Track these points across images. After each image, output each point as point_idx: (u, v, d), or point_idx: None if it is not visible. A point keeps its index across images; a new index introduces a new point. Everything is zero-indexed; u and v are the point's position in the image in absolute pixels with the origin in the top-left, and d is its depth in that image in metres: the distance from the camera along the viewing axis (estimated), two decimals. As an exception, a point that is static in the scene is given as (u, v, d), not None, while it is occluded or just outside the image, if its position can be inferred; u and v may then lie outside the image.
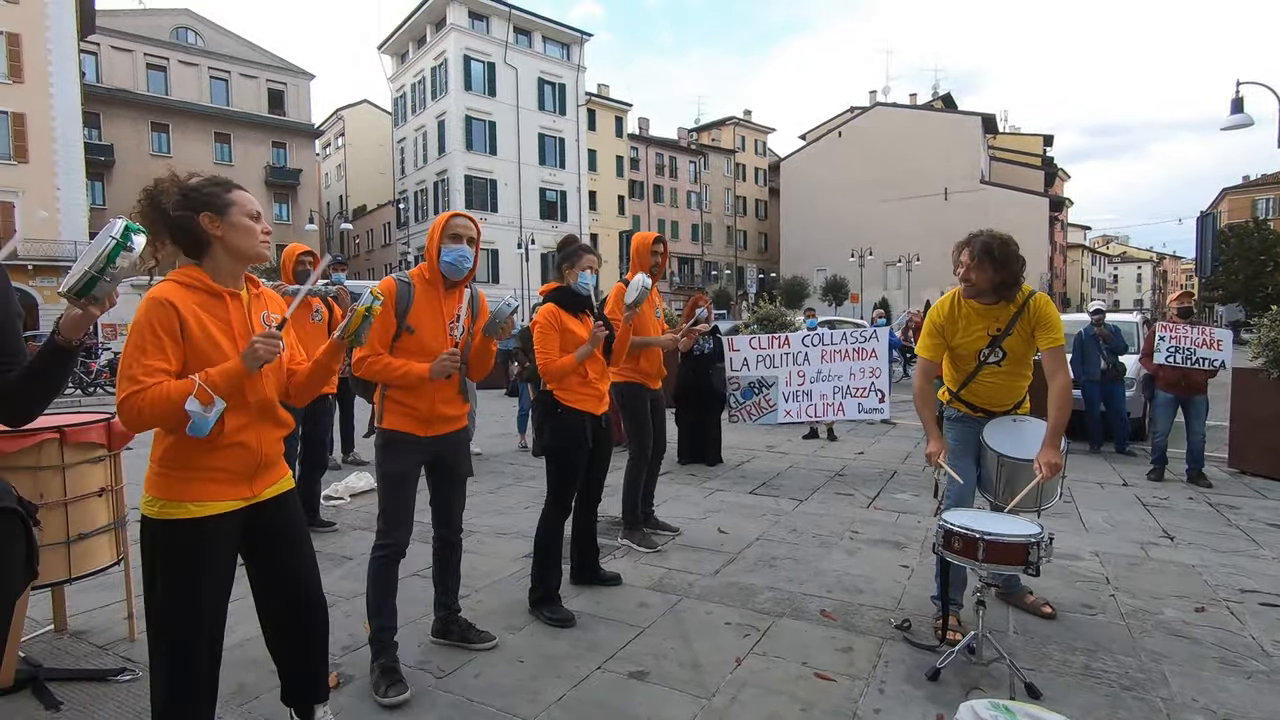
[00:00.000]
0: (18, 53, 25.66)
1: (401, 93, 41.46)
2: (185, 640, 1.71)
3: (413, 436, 2.55)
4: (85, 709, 2.39)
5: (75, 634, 2.98)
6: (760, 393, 6.32)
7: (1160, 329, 6.13)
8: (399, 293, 2.51)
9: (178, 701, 1.72)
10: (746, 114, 60.44)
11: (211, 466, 1.73)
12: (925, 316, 3.28)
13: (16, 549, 1.46)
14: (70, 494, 2.64)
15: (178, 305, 1.66)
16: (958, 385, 3.04)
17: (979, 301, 2.90)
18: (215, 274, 1.81)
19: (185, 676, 1.73)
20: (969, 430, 3.03)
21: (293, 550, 1.95)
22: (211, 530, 1.73)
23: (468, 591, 3.40)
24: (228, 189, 1.83)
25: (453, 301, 2.62)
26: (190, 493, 1.71)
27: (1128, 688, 2.48)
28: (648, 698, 2.43)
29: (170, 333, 1.64)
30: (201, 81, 36.81)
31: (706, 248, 55.46)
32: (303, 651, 2.02)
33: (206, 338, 1.69)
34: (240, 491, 1.79)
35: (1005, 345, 2.90)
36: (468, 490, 2.89)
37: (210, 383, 1.61)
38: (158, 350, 1.62)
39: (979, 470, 3.05)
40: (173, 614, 1.72)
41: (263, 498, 1.85)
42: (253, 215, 1.84)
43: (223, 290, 1.79)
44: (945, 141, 45.58)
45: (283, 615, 1.97)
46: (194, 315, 1.69)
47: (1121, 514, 4.85)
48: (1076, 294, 67.21)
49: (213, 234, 1.78)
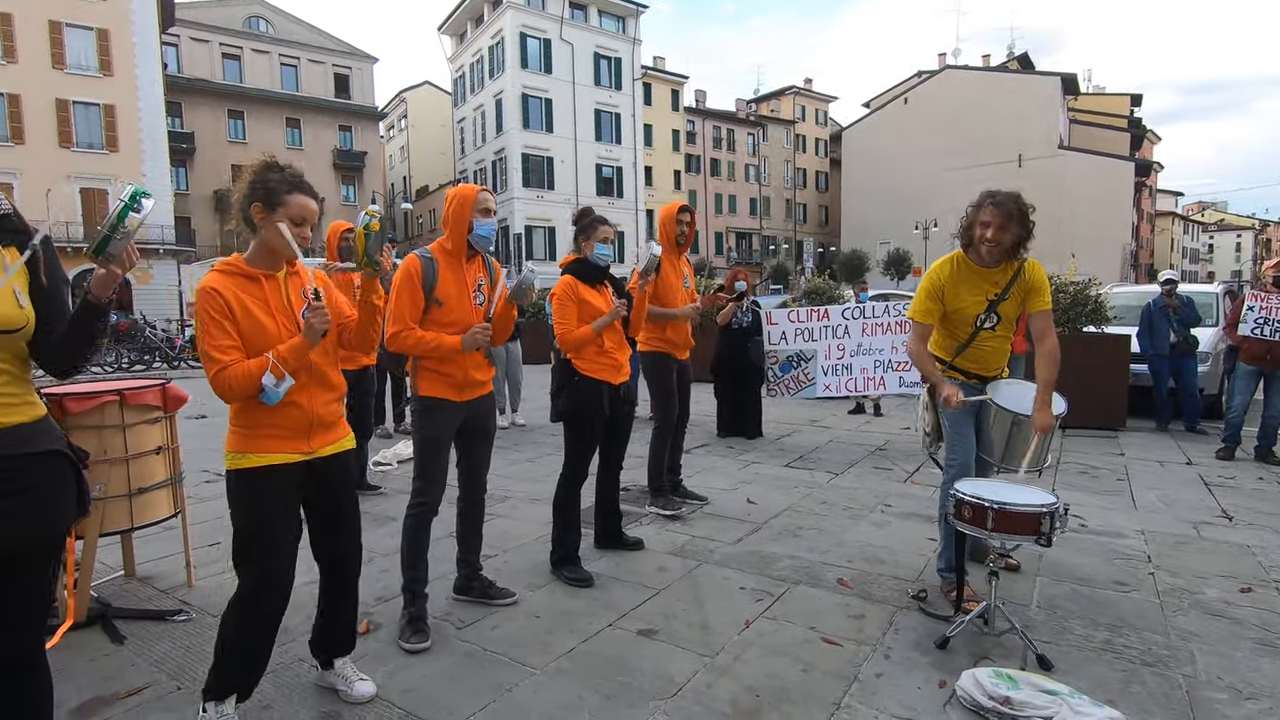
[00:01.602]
0: (107, 47, 27.28)
1: (461, 73, 42.06)
2: (264, 571, 1.98)
3: (449, 402, 2.68)
4: (145, 644, 2.64)
5: (142, 579, 3.29)
6: (799, 366, 6.25)
7: (1250, 298, 5.68)
8: (424, 269, 2.62)
9: (243, 625, 1.99)
10: (807, 83, 58.65)
11: (271, 424, 1.97)
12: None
13: (67, 488, 1.63)
14: (131, 451, 2.90)
15: (221, 291, 1.90)
16: (953, 353, 2.95)
17: (982, 265, 2.82)
18: (254, 258, 2.00)
19: (264, 607, 2.01)
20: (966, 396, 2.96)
21: (340, 509, 2.16)
22: (273, 478, 1.98)
23: (496, 552, 3.56)
24: (290, 191, 1.97)
25: (474, 270, 2.73)
26: (255, 446, 1.96)
27: (1148, 664, 2.40)
28: (653, 654, 2.51)
29: (224, 314, 1.89)
30: (273, 68, 38.29)
31: (765, 222, 54.49)
32: (338, 604, 2.24)
33: (248, 316, 1.93)
34: (298, 446, 2.02)
35: (1000, 310, 2.85)
36: (511, 459, 3.01)
37: (281, 358, 1.89)
38: (221, 331, 1.88)
39: (980, 435, 2.98)
40: (251, 559, 1.97)
41: (320, 454, 2.07)
42: (296, 220, 1.98)
43: (257, 273, 1.98)
44: (1020, 105, 43.06)
45: (333, 565, 2.20)
46: (236, 298, 1.92)
47: (1178, 493, 4.62)
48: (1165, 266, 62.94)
49: (257, 222, 1.97)
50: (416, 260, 2.63)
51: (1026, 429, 2.85)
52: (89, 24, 26.94)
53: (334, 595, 2.24)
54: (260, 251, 2.00)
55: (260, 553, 1.98)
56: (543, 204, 37.54)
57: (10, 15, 25.50)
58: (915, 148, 46.44)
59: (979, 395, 2.95)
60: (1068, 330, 7.08)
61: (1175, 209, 73.05)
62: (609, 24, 40.50)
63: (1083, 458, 5.69)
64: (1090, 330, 7.13)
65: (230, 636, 1.99)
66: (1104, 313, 7.00)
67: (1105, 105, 53.08)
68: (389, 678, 2.35)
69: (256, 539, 1.98)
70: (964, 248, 2.89)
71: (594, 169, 39.85)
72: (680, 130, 47.85)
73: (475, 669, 2.42)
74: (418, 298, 2.59)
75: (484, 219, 2.68)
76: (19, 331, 1.49)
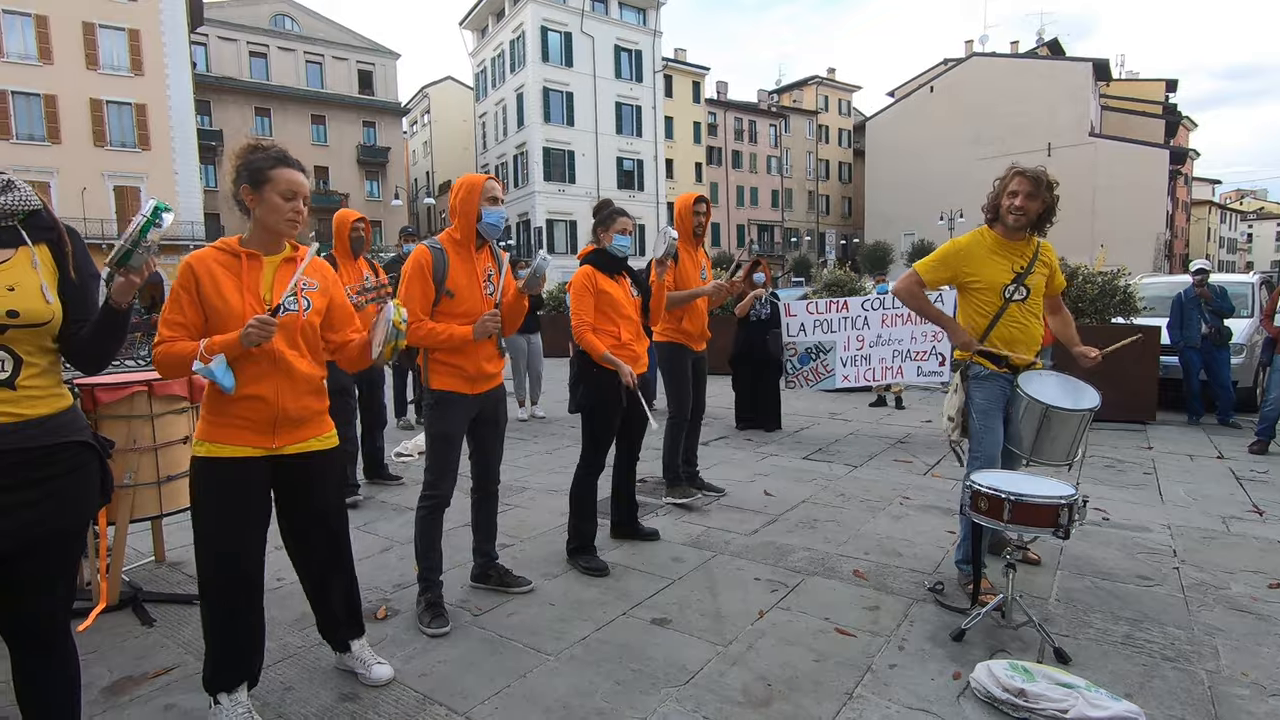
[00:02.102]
0: (138, 47, 27.85)
1: (482, 68, 42.21)
2: (219, 561, 1.98)
3: (462, 395, 2.70)
4: (173, 627, 2.73)
5: (171, 564, 3.39)
6: (817, 358, 6.21)
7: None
8: (435, 260, 2.62)
9: (214, 616, 2.00)
10: (830, 72, 57.89)
11: (233, 414, 1.95)
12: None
13: (92, 476, 1.69)
14: (159, 440, 2.98)
15: (194, 266, 1.94)
16: (983, 331, 2.91)
17: (1007, 237, 2.89)
18: (250, 239, 2.03)
19: (221, 598, 2.00)
20: (996, 388, 2.91)
21: (315, 508, 2.13)
22: (231, 470, 1.95)
23: (513, 541, 3.60)
24: (273, 166, 1.99)
25: (483, 260, 2.74)
26: (216, 435, 1.96)
27: (1170, 658, 2.36)
28: (666, 642, 2.53)
29: (187, 290, 1.93)
30: (298, 66, 38.78)
31: (787, 214, 54.00)
32: (321, 597, 2.24)
33: (216, 293, 1.93)
34: (260, 441, 1.99)
35: (1029, 283, 2.87)
36: (529, 450, 3.04)
37: (209, 347, 1.86)
38: (176, 307, 1.92)
39: (1007, 427, 2.95)
40: (205, 541, 1.99)
41: (285, 452, 2.03)
42: (285, 195, 1.99)
43: (241, 251, 2.00)
44: (1049, 92, 42.08)
45: (302, 563, 2.20)
46: (209, 274, 1.94)
47: (1207, 487, 4.52)
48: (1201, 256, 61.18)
49: (247, 203, 2.01)
50: (427, 251, 2.62)
51: (1058, 421, 2.81)
52: (120, 24, 27.51)
53: (315, 592, 2.22)
54: (257, 233, 2.03)
55: (216, 543, 1.97)
56: (564, 198, 37.60)
57: (46, 18, 26.15)
58: (941, 137, 45.65)
59: (1010, 388, 2.92)
60: (1095, 321, 6.95)
61: (1212, 197, 70.87)
62: (629, 16, 40.34)
63: (1109, 451, 5.58)
64: (1119, 321, 6.98)
65: (205, 627, 2.01)
66: (1133, 303, 6.85)
67: (1139, 91, 51.66)
68: (406, 662, 2.40)
69: (211, 529, 1.97)
70: (989, 223, 2.95)
71: (615, 162, 39.79)
72: (701, 122, 47.57)
73: (491, 654, 2.46)
74: (429, 289, 2.59)
75: (492, 207, 2.67)
76: (46, 325, 1.54)
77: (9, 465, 1.49)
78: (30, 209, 1.59)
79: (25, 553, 1.54)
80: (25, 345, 1.52)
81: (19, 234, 1.58)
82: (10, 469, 1.50)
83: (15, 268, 1.53)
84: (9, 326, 1.48)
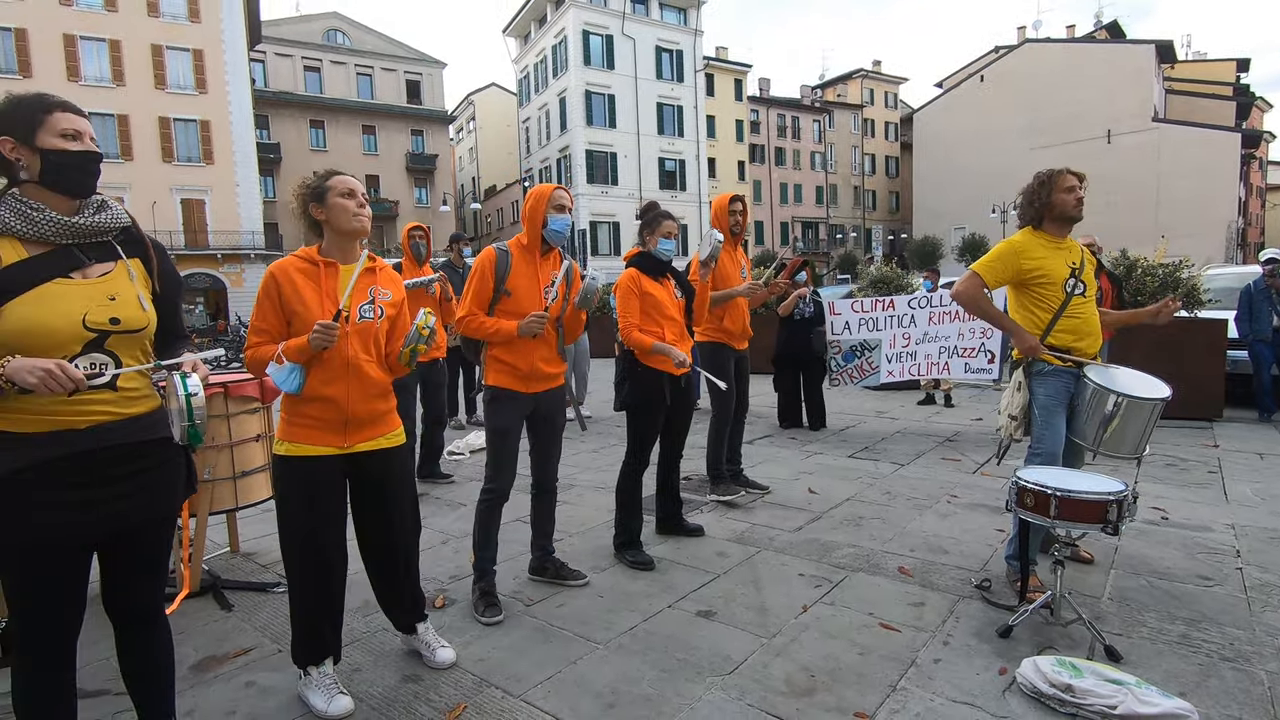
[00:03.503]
0: (202, 66, 29.26)
1: (525, 73, 42.87)
2: (302, 549, 2.15)
3: (515, 393, 2.83)
4: (249, 611, 2.93)
5: (245, 554, 3.61)
6: (862, 355, 6.17)
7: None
8: (498, 260, 2.79)
9: (298, 600, 2.18)
10: (876, 65, 56.81)
11: (307, 415, 2.13)
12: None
13: (179, 469, 1.85)
14: (235, 438, 3.19)
15: (277, 275, 2.12)
16: (1046, 325, 2.89)
17: (1057, 234, 2.92)
18: (327, 249, 2.20)
19: (304, 582, 2.16)
20: (1061, 384, 2.87)
21: (385, 501, 2.29)
22: (308, 468, 2.13)
23: (562, 536, 3.71)
24: (327, 178, 2.20)
25: (548, 267, 2.87)
26: (294, 435, 2.14)
27: (1228, 659, 2.32)
28: (710, 633, 2.60)
29: (270, 297, 2.11)
30: (349, 78, 40.09)
31: (832, 210, 53.23)
32: (388, 586, 2.40)
33: (297, 298, 2.11)
34: (333, 440, 2.15)
35: (1084, 277, 2.89)
36: (576, 449, 3.15)
37: (285, 350, 2.04)
38: (260, 314, 2.12)
39: (1072, 420, 2.92)
40: (290, 538, 2.16)
41: (356, 450, 2.19)
42: (344, 194, 2.17)
43: (320, 260, 2.17)
44: (1109, 77, 40.37)
45: (372, 551, 2.35)
46: (290, 281, 2.12)
47: (1276, 486, 4.33)
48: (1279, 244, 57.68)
49: (319, 218, 2.19)
50: (492, 252, 2.82)
51: (1130, 411, 2.77)
52: (186, 45, 28.95)
53: (382, 579, 2.38)
54: (332, 241, 2.20)
55: (298, 534, 2.14)
56: (607, 199, 37.89)
57: (119, 42, 27.71)
58: (992, 128, 44.31)
59: (1075, 384, 2.90)
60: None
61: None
62: (670, 16, 40.39)
63: (1171, 449, 5.40)
64: (1182, 315, 6.72)
65: (292, 608, 2.20)
66: (1197, 296, 6.58)
67: (1207, 73, 49.15)
68: (463, 648, 2.53)
69: (293, 522, 2.14)
70: (1033, 226, 2.95)
71: (657, 163, 39.89)
72: (744, 120, 47.28)
73: (543, 642, 2.57)
74: (487, 286, 2.77)
75: (558, 215, 2.82)
76: (143, 331, 1.70)
77: (112, 458, 1.65)
78: (122, 225, 1.75)
79: (128, 538, 1.71)
80: (125, 350, 1.68)
81: (114, 249, 1.74)
82: (112, 461, 1.66)
83: (115, 280, 1.69)
84: (112, 333, 1.64)
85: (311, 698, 2.16)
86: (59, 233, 1.59)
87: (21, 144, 1.55)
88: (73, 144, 1.58)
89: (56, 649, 1.64)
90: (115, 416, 1.66)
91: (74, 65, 27.08)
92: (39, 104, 1.58)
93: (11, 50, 26.23)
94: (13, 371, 1.42)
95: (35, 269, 1.54)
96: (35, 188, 1.57)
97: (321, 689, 2.16)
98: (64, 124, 1.58)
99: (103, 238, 1.71)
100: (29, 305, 1.50)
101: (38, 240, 1.57)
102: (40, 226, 1.56)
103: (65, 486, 1.56)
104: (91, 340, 1.58)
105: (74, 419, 1.56)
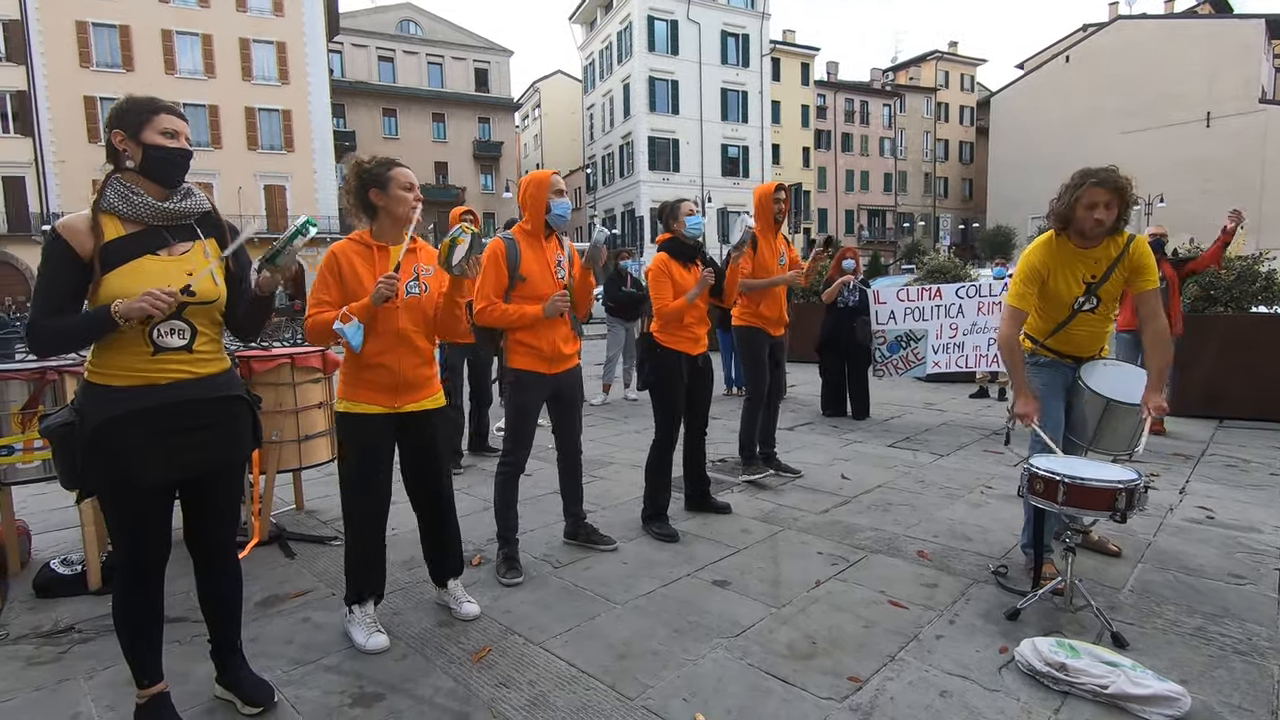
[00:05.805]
0: (284, 58, 30.73)
1: (590, 60, 43.13)
2: (356, 492, 2.45)
3: (540, 374, 3.02)
4: (309, 560, 3.25)
5: (309, 511, 3.97)
6: (908, 346, 6.12)
7: None
8: (508, 250, 2.93)
9: (352, 537, 2.48)
10: (952, 46, 54.46)
11: (364, 379, 2.41)
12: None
13: (246, 423, 2.12)
14: (300, 404, 3.52)
15: (338, 254, 2.39)
16: (1045, 334, 2.87)
17: (1083, 246, 2.73)
18: (379, 233, 2.44)
19: (359, 525, 2.45)
20: (1057, 375, 2.87)
21: (427, 454, 2.54)
22: (364, 422, 2.41)
23: (595, 509, 3.92)
24: (389, 168, 2.42)
25: (552, 248, 3.04)
26: (353, 395, 2.42)
27: (1242, 652, 2.31)
28: (723, 600, 2.74)
29: (333, 273, 2.38)
30: (421, 68, 41.28)
31: (901, 198, 51.58)
32: (435, 535, 2.64)
33: (354, 276, 2.37)
34: (386, 400, 2.42)
35: (1100, 292, 2.75)
36: (619, 429, 3.33)
37: (350, 310, 2.27)
38: (323, 286, 2.38)
39: (1069, 415, 2.91)
40: (348, 482, 2.44)
41: (405, 410, 2.45)
42: (406, 187, 2.40)
43: (373, 243, 2.42)
44: (1210, 55, 37.48)
45: (417, 500, 2.60)
46: (348, 261, 2.38)
47: (1342, 491, 4.13)
48: (1403, 237, 52.44)
49: (377, 203, 2.41)
50: (500, 242, 2.95)
51: (1119, 415, 2.76)
52: (270, 38, 30.46)
53: (430, 526, 2.63)
54: (385, 226, 2.43)
55: (356, 480, 2.42)
56: (668, 186, 37.83)
57: (210, 36, 29.41)
58: (1077, 110, 41.92)
59: (1073, 376, 2.89)
60: (1230, 310, 6.38)
61: None
62: (737, 0, 39.81)
63: (1235, 450, 5.17)
64: (1260, 310, 6.37)
65: (346, 551, 2.50)
66: (1276, 290, 6.22)
67: (1326, 48, 44.90)
68: (494, 601, 2.76)
69: (352, 471, 2.42)
70: (1059, 230, 2.80)
71: (719, 149, 39.53)
72: (810, 105, 46.26)
73: (566, 600, 2.77)
74: (501, 275, 2.90)
75: (559, 199, 2.96)
76: (215, 303, 1.96)
77: (188, 412, 1.92)
78: (203, 211, 2.01)
79: (202, 485, 1.98)
80: (200, 319, 1.94)
81: (194, 230, 2.00)
82: (189, 414, 1.92)
83: (193, 257, 1.95)
84: (189, 303, 1.90)
85: (354, 633, 2.43)
86: (152, 215, 1.86)
87: (130, 138, 1.82)
88: (171, 141, 1.85)
89: (147, 576, 1.94)
90: (190, 375, 1.92)
91: (170, 59, 28.90)
92: (148, 106, 1.85)
93: (116, 46, 28.20)
94: (124, 309, 1.71)
95: (131, 245, 1.82)
96: (135, 175, 1.85)
97: (363, 626, 2.43)
98: (166, 124, 1.84)
99: (186, 220, 1.97)
100: (125, 276, 1.77)
101: (134, 219, 1.84)
102: (138, 208, 1.83)
103: (146, 435, 1.82)
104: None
105: (155, 375, 1.83)
